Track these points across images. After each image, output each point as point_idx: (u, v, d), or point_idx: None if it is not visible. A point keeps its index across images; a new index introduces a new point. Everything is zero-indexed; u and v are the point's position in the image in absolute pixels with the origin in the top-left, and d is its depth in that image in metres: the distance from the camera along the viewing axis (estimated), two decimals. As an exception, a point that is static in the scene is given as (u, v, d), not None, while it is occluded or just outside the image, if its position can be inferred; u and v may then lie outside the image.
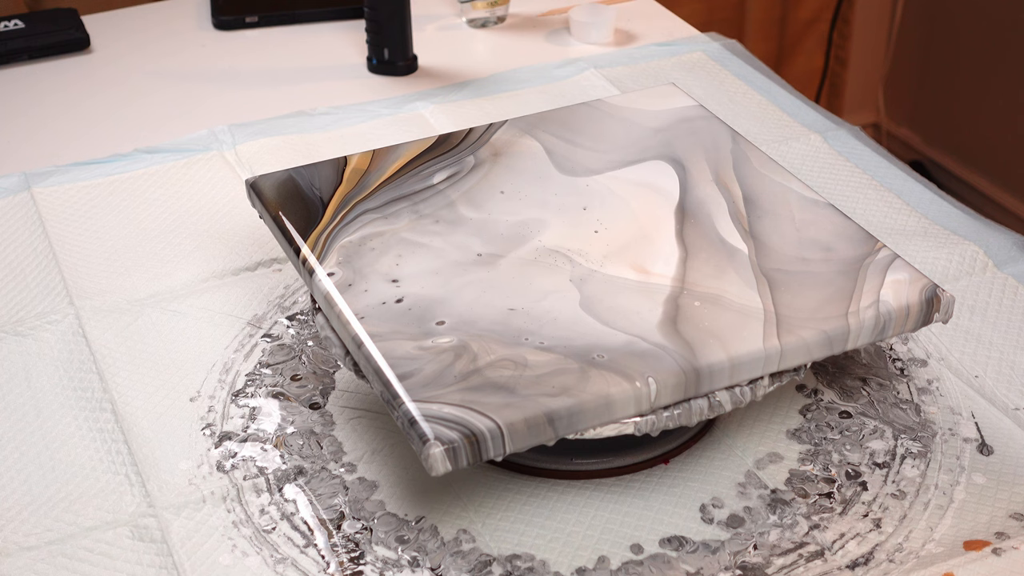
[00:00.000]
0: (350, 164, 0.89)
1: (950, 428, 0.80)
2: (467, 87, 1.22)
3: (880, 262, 0.77)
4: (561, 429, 0.67)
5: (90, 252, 0.99)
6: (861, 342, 0.74)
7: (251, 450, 0.79)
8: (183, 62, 1.30)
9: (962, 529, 0.73)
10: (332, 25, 1.37)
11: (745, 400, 0.72)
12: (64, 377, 0.86)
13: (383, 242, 0.81)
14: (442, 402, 0.67)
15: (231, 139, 1.13)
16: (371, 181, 0.87)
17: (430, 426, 0.66)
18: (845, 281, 0.76)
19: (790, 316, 0.73)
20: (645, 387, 0.68)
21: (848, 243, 0.79)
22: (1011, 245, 0.96)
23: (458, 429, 0.65)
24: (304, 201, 0.84)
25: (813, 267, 0.77)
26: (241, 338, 0.89)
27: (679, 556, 0.72)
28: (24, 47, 1.29)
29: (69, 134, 1.16)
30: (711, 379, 0.70)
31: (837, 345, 0.73)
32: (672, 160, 0.88)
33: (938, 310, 0.75)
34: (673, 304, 0.74)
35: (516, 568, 0.71)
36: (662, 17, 1.38)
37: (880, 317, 0.73)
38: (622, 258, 0.78)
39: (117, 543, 0.73)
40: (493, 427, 0.66)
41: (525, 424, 0.66)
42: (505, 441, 0.66)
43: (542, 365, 0.70)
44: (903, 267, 0.77)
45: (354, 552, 0.72)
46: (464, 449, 0.65)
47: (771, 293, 0.75)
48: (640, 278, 0.76)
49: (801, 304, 0.74)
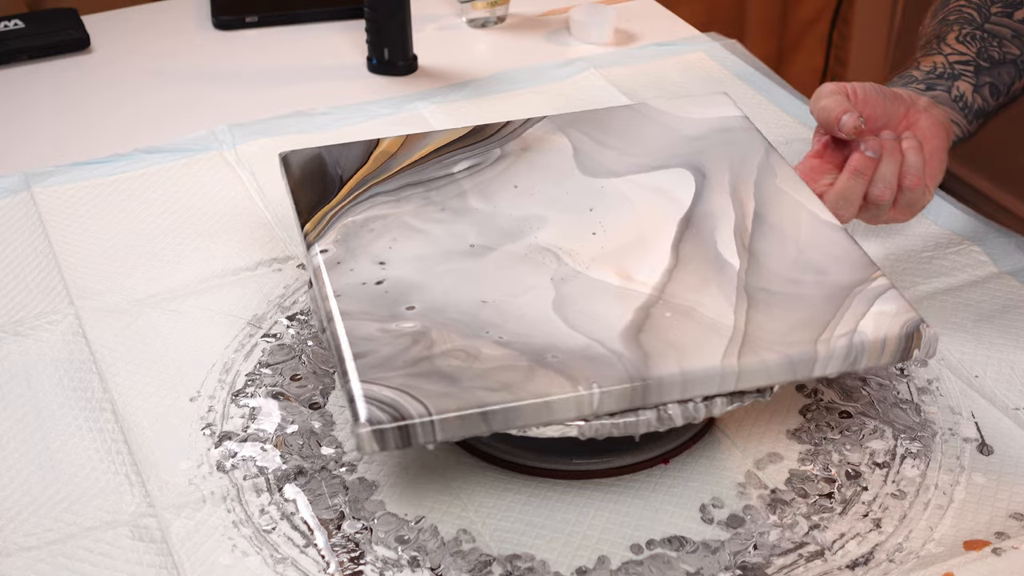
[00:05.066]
0: (380, 146, 0.90)
1: (950, 428, 0.80)
2: (467, 87, 1.22)
3: (871, 291, 0.74)
4: (496, 424, 0.68)
5: (90, 252, 0.99)
6: (830, 371, 0.71)
7: (251, 450, 0.79)
8: (183, 62, 1.30)
9: (962, 529, 0.73)
10: (332, 25, 1.37)
11: (699, 417, 0.70)
12: (64, 377, 0.86)
13: (384, 224, 0.81)
14: (385, 384, 0.68)
15: (231, 139, 1.13)
16: (394, 164, 0.87)
17: (366, 406, 0.67)
18: (827, 307, 0.73)
19: (758, 336, 0.71)
20: (588, 392, 0.68)
21: (845, 268, 0.76)
22: (1011, 245, 0.96)
23: (391, 412, 0.67)
24: (324, 178, 0.86)
25: (800, 289, 0.74)
26: (241, 338, 0.89)
27: (679, 556, 0.72)
28: (24, 47, 1.29)
29: (69, 134, 1.16)
30: (660, 391, 0.69)
31: (801, 371, 0.71)
32: (695, 169, 0.86)
33: (918, 346, 0.72)
34: (644, 313, 0.73)
35: (516, 568, 0.71)
36: (662, 17, 1.38)
37: (853, 348, 0.71)
38: (610, 262, 0.77)
39: (117, 543, 0.73)
40: (424, 414, 0.67)
41: (458, 415, 0.67)
42: (435, 430, 0.67)
43: (493, 360, 0.70)
44: (894, 299, 0.74)
45: (354, 552, 0.72)
46: (392, 433, 0.66)
47: (747, 311, 0.73)
48: (621, 284, 0.75)
49: (774, 326, 0.72)
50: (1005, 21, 0.98)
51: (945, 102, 0.92)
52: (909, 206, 0.86)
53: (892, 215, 0.86)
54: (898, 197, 0.85)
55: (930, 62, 0.95)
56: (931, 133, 0.88)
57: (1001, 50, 0.96)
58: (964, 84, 0.94)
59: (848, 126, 0.84)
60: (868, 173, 0.84)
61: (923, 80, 0.94)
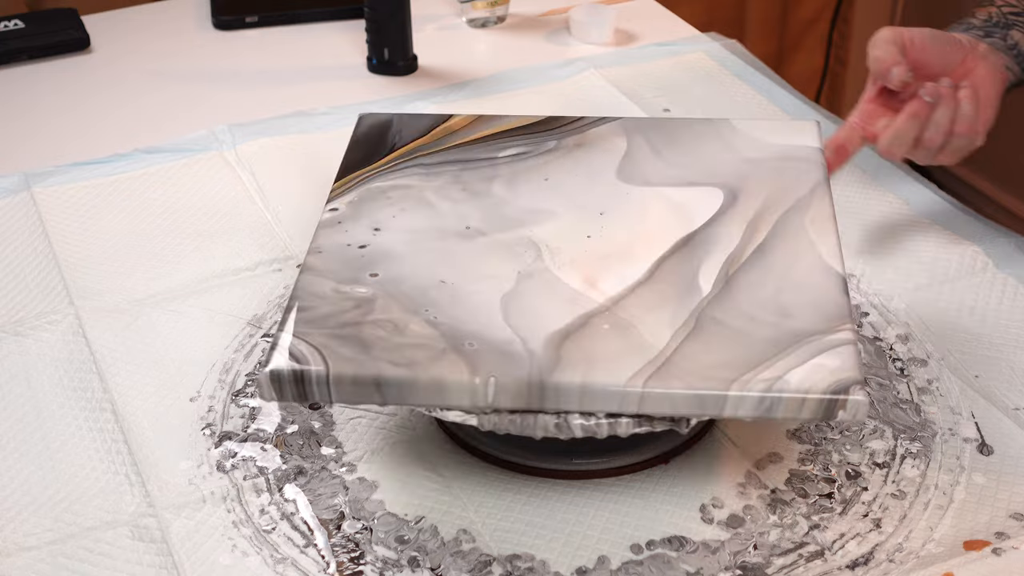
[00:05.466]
0: (448, 122, 0.91)
1: (950, 428, 0.80)
2: (467, 87, 1.22)
3: (826, 342, 0.69)
4: (390, 397, 0.68)
5: (90, 252, 0.99)
6: (743, 414, 0.67)
7: (251, 450, 0.79)
8: (183, 62, 1.30)
9: (962, 529, 0.73)
10: (332, 25, 1.37)
11: (600, 433, 0.68)
12: (64, 377, 0.86)
13: (403, 194, 0.83)
14: (305, 340, 0.70)
15: (231, 139, 1.13)
16: (448, 141, 0.88)
17: (277, 354, 0.69)
18: (768, 350, 0.68)
19: (680, 365, 0.68)
20: (484, 384, 0.68)
21: (815, 316, 0.71)
22: (1011, 245, 0.96)
23: (295, 366, 0.68)
24: (379, 143, 0.88)
25: (754, 327, 0.70)
26: (241, 338, 0.89)
27: (679, 556, 0.72)
28: (24, 47, 1.29)
29: (69, 134, 1.16)
30: (557, 398, 0.67)
31: (710, 408, 0.67)
32: (730, 191, 0.82)
33: (843, 409, 0.66)
34: (583, 320, 0.71)
35: (516, 568, 0.71)
36: (662, 17, 1.38)
37: (767, 398, 0.66)
38: (584, 266, 0.76)
39: (117, 543, 0.73)
40: (322, 374, 0.68)
41: (353, 380, 0.68)
42: (331, 390, 0.68)
43: (415, 336, 0.70)
44: (843, 355, 0.68)
45: (354, 552, 0.72)
46: (290, 385, 0.68)
47: (685, 338, 0.70)
48: (581, 289, 0.74)
49: (703, 358, 0.68)
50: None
51: (1002, 49, 0.94)
52: (957, 151, 0.89)
53: (939, 158, 0.89)
54: (948, 142, 0.88)
55: (985, 12, 0.97)
56: (987, 81, 0.91)
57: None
58: (1017, 33, 0.95)
59: (896, 79, 0.87)
60: (924, 116, 0.87)
61: (981, 27, 0.96)
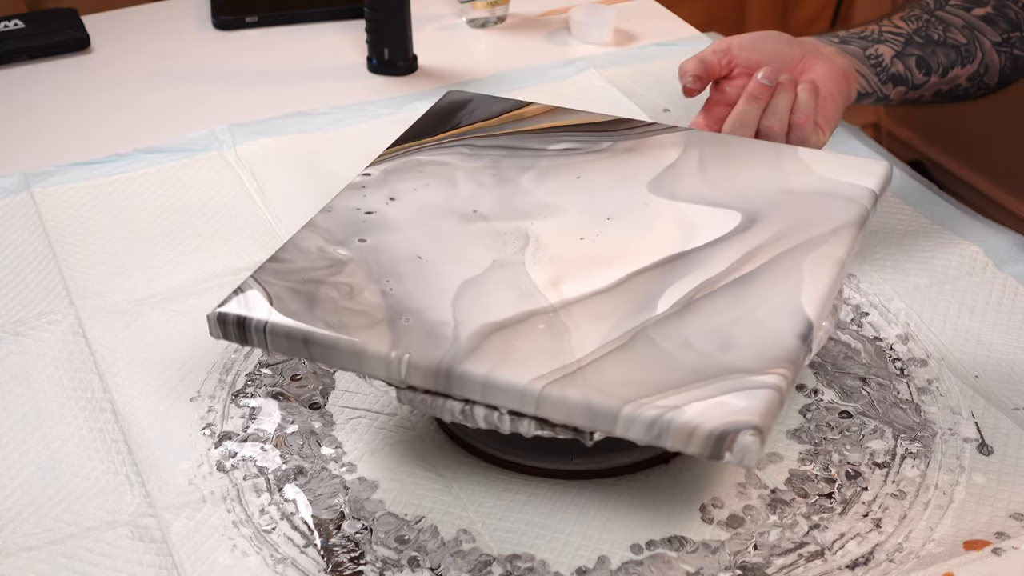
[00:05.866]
0: (523, 108, 0.92)
1: (950, 428, 0.80)
2: (467, 87, 1.22)
3: (748, 382, 0.66)
4: (316, 355, 0.71)
5: (90, 252, 0.99)
6: (632, 435, 0.65)
7: (251, 450, 0.79)
8: (183, 62, 1.30)
9: (962, 529, 0.73)
10: (332, 25, 1.37)
11: (503, 428, 0.68)
12: (64, 377, 0.86)
13: (435, 171, 0.84)
14: (264, 288, 0.73)
15: (231, 139, 1.13)
16: (512, 127, 0.89)
17: (234, 297, 0.73)
18: (684, 378, 0.66)
19: (588, 376, 0.67)
20: (398, 360, 0.68)
21: (753, 354, 0.68)
22: (1011, 245, 0.96)
23: (240, 312, 0.72)
24: (446, 120, 0.91)
25: (684, 354, 0.68)
26: (241, 338, 0.89)
27: (679, 556, 0.72)
28: (24, 47, 1.29)
29: (69, 134, 1.16)
30: (462, 386, 0.68)
31: (601, 423, 0.66)
32: (749, 217, 0.79)
33: (730, 450, 0.63)
34: (524, 317, 0.71)
35: (516, 568, 0.71)
36: (662, 17, 1.38)
37: (657, 423, 0.64)
38: (558, 266, 0.75)
39: (117, 543, 0.73)
40: (260, 324, 0.71)
41: (286, 334, 0.71)
42: (267, 339, 0.71)
43: (362, 303, 0.72)
44: (757, 398, 0.65)
45: (354, 552, 0.72)
46: (233, 328, 0.72)
47: (610, 352, 0.68)
48: (542, 287, 0.73)
49: (615, 374, 0.67)
50: (960, 13, 1.02)
51: (856, 55, 0.97)
52: (800, 143, 0.91)
53: None
54: (789, 133, 0.91)
55: (862, 27, 1.00)
56: (828, 78, 0.93)
57: (944, 33, 1.00)
58: (885, 48, 0.98)
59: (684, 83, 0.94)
60: (763, 99, 0.90)
61: (842, 36, 0.99)
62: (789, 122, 0.90)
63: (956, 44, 0.99)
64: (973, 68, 1.00)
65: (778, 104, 0.90)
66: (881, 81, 0.97)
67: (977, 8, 1.01)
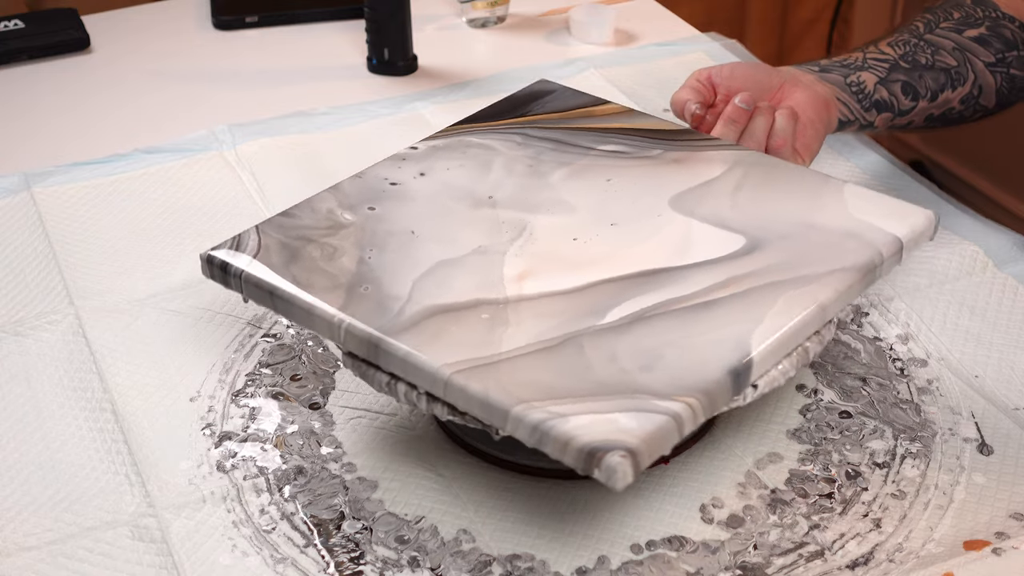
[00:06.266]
0: (595, 106, 0.93)
1: (950, 428, 0.80)
2: (467, 87, 1.22)
3: (648, 405, 0.65)
4: (278, 308, 0.75)
5: (90, 252, 0.99)
6: (520, 435, 0.65)
7: (251, 450, 0.79)
8: (183, 62, 1.30)
9: (962, 529, 0.73)
10: (332, 25, 1.37)
11: (420, 407, 0.69)
12: (64, 377, 0.86)
13: (478, 153, 0.87)
14: (261, 237, 0.78)
15: (231, 139, 1.13)
16: (573, 123, 0.90)
17: (227, 243, 0.78)
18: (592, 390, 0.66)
19: (499, 371, 0.67)
20: (338, 325, 0.72)
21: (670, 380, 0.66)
22: (1011, 245, 0.96)
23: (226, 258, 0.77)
24: (517, 108, 0.92)
25: (602, 366, 0.67)
26: (241, 338, 0.89)
27: (679, 556, 0.72)
28: (24, 47, 1.29)
29: (69, 134, 1.16)
30: (388, 359, 0.70)
31: (494, 418, 0.66)
32: (752, 245, 0.76)
33: (599, 467, 0.62)
34: (474, 304, 0.72)
35: (516, 568, 0.71)
36: (662, 17, 1.38)
37: (540, 428, 0.64)
38: (534, 261, 0.76)
39: (117, 543, 0.73)
40: (238, 271, 0.76)
41: (256, 284, 0.75)
42: (242, 283, 0.76)
43: (335, 267, 0.76)
44: (646, 422, 0.64)
45: (354, 552, 0.72)
46: (217, 269, 0.77)
47: (533, 352, 0.68)
48: (507, 278, 0.74)
49: (525, 374, 0.67)
50: (951, 35, 1.01)
51: (837, 83, 0.96)
52: None
53: None
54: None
55: (846, 55, 1.00)
56: (807, 105, 0.93)
57: (933, 57, 0.99)
58: (868, 75, 0.97)
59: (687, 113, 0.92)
60: (741, 123, 0.89)
61: (823, 65, 0.98)
62: (766, 146, 0.90)
63: (946, 67, 0.99)
64: (965, 90, 1.00)
65: (755, 128, 0.90)
66: (864, 108, 0.97)
67: (969, 30, 1.00)
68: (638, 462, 0.62)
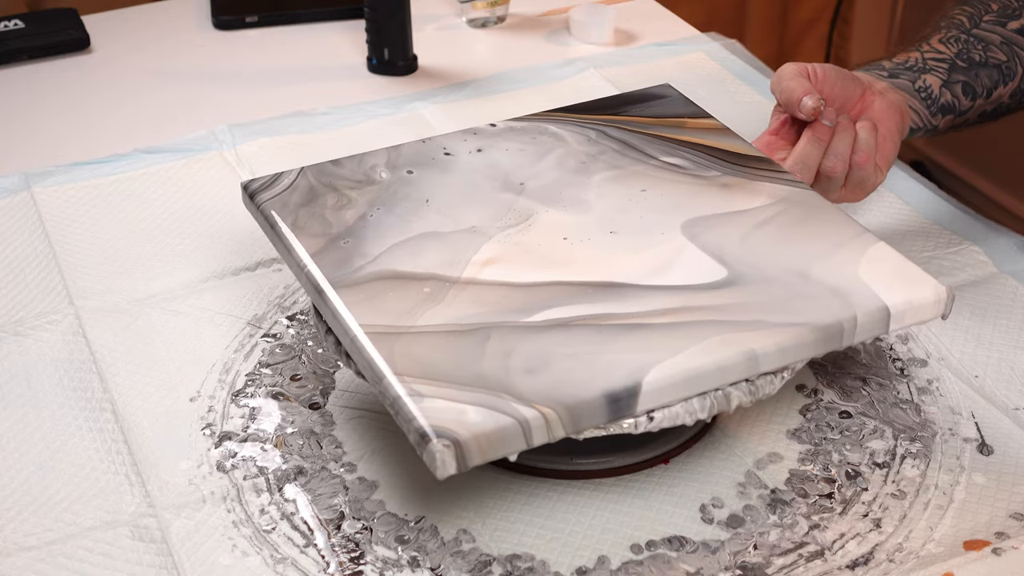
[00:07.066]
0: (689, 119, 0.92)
1: (950, 428, 0.80)
2: (467, 87, 1.22)
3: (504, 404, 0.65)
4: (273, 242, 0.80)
5: (90, 252, 0.99)
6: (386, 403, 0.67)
7: (251, 450, 0.79)
8: (183, 62, 1.30)
9: (962, 529, 0.73)
10: (332, 25, 1.37)
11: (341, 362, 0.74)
12: (64, 377, 0.86)
13: (544, 141, 0.88)
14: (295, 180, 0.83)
15: (231, 139, 1.13)
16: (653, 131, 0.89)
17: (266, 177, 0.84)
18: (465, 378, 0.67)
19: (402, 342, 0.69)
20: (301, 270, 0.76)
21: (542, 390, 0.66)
22: (1011, 245, 0.96)
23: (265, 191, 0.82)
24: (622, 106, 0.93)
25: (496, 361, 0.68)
26: (241, 338, 0.89)
27: (679, 556, 0.72)
28: (24, 47, 1.29)
29: (69, 134, 1.16)
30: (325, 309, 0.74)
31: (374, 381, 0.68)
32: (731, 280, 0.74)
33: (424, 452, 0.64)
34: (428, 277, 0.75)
35: (516, 568, 0.71)
36: (662, 17, 1.38)
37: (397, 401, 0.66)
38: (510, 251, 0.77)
39: (117, 543, 0.73)
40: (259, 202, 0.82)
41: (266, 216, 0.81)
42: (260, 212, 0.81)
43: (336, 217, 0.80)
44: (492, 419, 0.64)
45: (354, 552, 0.72)
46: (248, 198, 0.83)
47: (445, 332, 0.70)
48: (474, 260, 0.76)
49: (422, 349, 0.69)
50: (996, 29, 0.99)
51: (907, 90, 0.95)
52: (860, 184, 0.89)
53: (843, 193, 0.90)
54: (849, 174, 0.89)
55: (905, 56, 0.98)
56: (885, 115, 0.92)
57: (985, 54, 0.97)
58: (932, 78, 0.96)
59: (808, 107, 0.87)
60: (825, 140, 0.88)
61: (889, 69, 0.97)
62: (850, 162, 0.88)
63: (997, 63, 0.97)
64: (1015, 84, 0.98)
65: (839, 145, 0.87)
66: (931, 113, 0.95)
67: (1012, 22, 0.98)
68: (464, 456, 0.63)
